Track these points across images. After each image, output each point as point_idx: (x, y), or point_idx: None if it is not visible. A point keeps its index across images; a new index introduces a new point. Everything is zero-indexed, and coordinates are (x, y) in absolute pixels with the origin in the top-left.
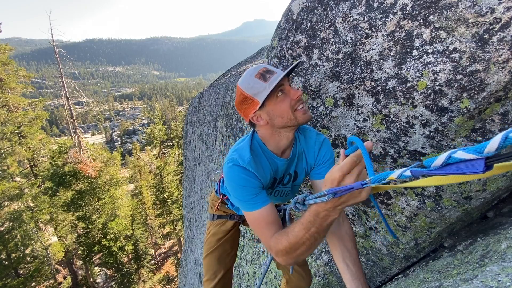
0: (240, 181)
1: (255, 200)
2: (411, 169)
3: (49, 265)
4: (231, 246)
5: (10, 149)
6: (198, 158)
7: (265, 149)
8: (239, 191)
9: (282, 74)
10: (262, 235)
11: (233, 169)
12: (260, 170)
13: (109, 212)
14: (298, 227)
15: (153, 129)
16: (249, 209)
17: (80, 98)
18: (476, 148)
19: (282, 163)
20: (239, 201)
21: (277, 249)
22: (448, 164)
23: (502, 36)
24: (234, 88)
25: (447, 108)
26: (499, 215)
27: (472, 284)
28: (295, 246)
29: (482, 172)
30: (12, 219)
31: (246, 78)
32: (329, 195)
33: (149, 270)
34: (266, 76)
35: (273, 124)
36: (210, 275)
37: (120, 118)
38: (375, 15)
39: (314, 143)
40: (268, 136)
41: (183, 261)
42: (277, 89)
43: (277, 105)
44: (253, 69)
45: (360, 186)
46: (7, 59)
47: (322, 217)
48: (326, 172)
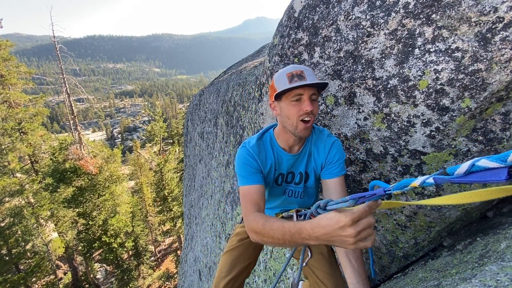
0: (241, 158)
1: (248, 177)
2: (434, 177)
3: (49, 260)
4: (251, 252)
5: (11, 145)
6: (198, 156)
7: (275, 142)
8: (239, 167)
9: (304, 82)
10: (244, 208)
11: (240, 149)
12: (262, 156)
13: (110, 208)
14: (277, 225)
15: (153, 126)
16: (242, 183)
17: (81, 95)
18: (499, 157)
19: (288, 157)
20: (238, 176)
21: (251, 225)
22: (471, 172)
23: (505, 35)
24: (235, 86)
25: (449, 108)
26: (498, 215)
27: (471, 283)
28: (265, 235)
29: (505, 180)
30: (13, 214)
31: (281, 72)
32: (351, 201)
33: (149, 267)
34: (293, 79)
35: (281, 119)
36: (224, 272)
37: (121, 115)
38: (377, 13)
39: (324, 144)
40: (279, 132)
41: (183, 258)
42: (295, 94)
43: (289, 107)
44: (290, 67)
45: (383, 193)
46: (8, 55)
47: (302, 237)
48: (336, 171)
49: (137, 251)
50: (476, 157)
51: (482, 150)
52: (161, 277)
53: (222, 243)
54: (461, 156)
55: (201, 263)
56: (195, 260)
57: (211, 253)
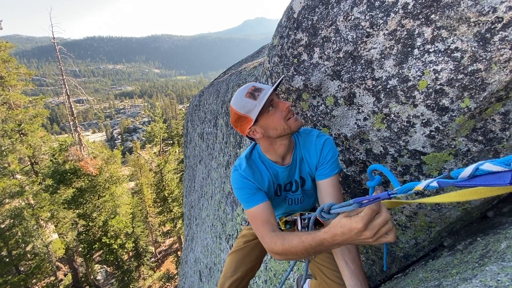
0: (237, 184)
1: (250, 199)
2: (438, 180)
3: (49, 262)
4: (256, 254)
5: (11, 146)
6: (198, 157)
7: (264, 158)
8: (238, 192)
9: (269, 90)
10: (258, 232)
11: (233, 174)
12: (257, 176)
13: (110, 209)
14: (296, 242)
15: (153, 127)
16: (247, 207)
17: (81, 96)
18: (503, 160)
19: (282, 170)
20: (240, 201)
21: (270, 248)
22: (475, 176)
23: (504, 35)
24: (234, 86)
25: (448, 108)
26: (499, 215)
27: (472, 283)
28: (288, 254)
29: (509, 184)
30: (13, 216)
31: (237, 99)
32: (355, 205)
33: (149, 268)
34: (255, 95)
35: (269, 135)
36: (229, 272)
37: (121, 116)
38: (377, 14)
39: (315, 145)
40: (266, 147)
41: (183, 259)
42: (268, 105)
43: (270, 119)
44: (242, 89)
45: (387, 197)
46: (7, 56)
47: (325, 246)
48: (327, 172)
49: (137, 252)
50: (476, 157)
51: (482, 150)
52: (161, 278)
53: (222, 244)
54: (461, 156)
55: (202, 264)
56: (195, 261)
57: (211, 254)
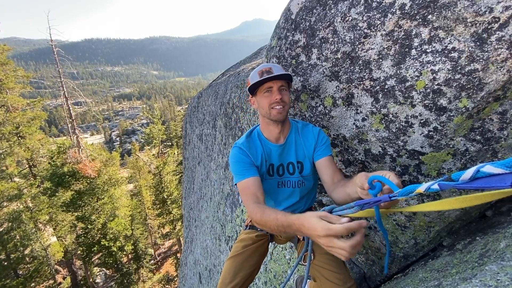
0: (234, 157)
1: (243, 172)
2: (439, 183)
3: (48, 265)
4: (255, 258)
5: (9, 149)
6: (197, 158)
7: (262, 136)
8: (233, 166)
9: (271, 75)
10: (244, 201)
11: (233, 149)
12: (252, 150)
13: (109, 212)
14: (272, 217)
15: (152, 129)
16: (238, 180)
17: (79, 98)
18: (504, 163)
19: (275, 148)
20: (234, 175)
21: (252, 217)
22: (476, 178)
23: (501, 35)
24: (233, 88)
25: (446, 108)
26: (497, 214)
27: (471, 283)
28: (264, 225)
29: (510, 187)
30: (11, 219)
31: (255, 70)
32: (356, 207)
33: (149, 270)
34: (263, 75)
35: (260, 111)
36: (228, 278)
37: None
38: (374, 15)
39: (312, 132)
40: (264, 127)
41: (183, 260)
42: (265, 87)
43: (262, 99)
44: (261, 66)
45: (388, 199)
46: (5, 59)
47: (293, 229)
48: (326, 152)
49: (136, 254)
50: (474, 156)
51: (480, 149)
52: (161, 280)
53: (221, 245)
54: (459, 156)
55: (201, 266)
56: (195, 262)
57: (211, 255)
